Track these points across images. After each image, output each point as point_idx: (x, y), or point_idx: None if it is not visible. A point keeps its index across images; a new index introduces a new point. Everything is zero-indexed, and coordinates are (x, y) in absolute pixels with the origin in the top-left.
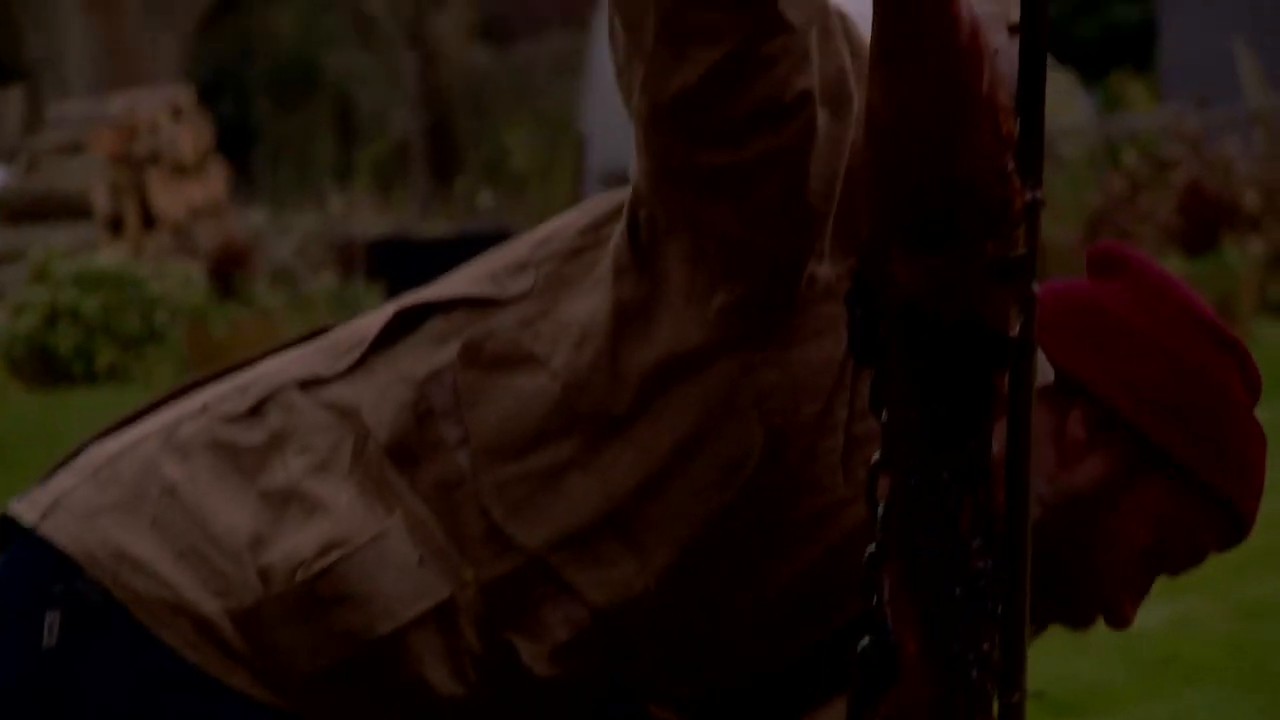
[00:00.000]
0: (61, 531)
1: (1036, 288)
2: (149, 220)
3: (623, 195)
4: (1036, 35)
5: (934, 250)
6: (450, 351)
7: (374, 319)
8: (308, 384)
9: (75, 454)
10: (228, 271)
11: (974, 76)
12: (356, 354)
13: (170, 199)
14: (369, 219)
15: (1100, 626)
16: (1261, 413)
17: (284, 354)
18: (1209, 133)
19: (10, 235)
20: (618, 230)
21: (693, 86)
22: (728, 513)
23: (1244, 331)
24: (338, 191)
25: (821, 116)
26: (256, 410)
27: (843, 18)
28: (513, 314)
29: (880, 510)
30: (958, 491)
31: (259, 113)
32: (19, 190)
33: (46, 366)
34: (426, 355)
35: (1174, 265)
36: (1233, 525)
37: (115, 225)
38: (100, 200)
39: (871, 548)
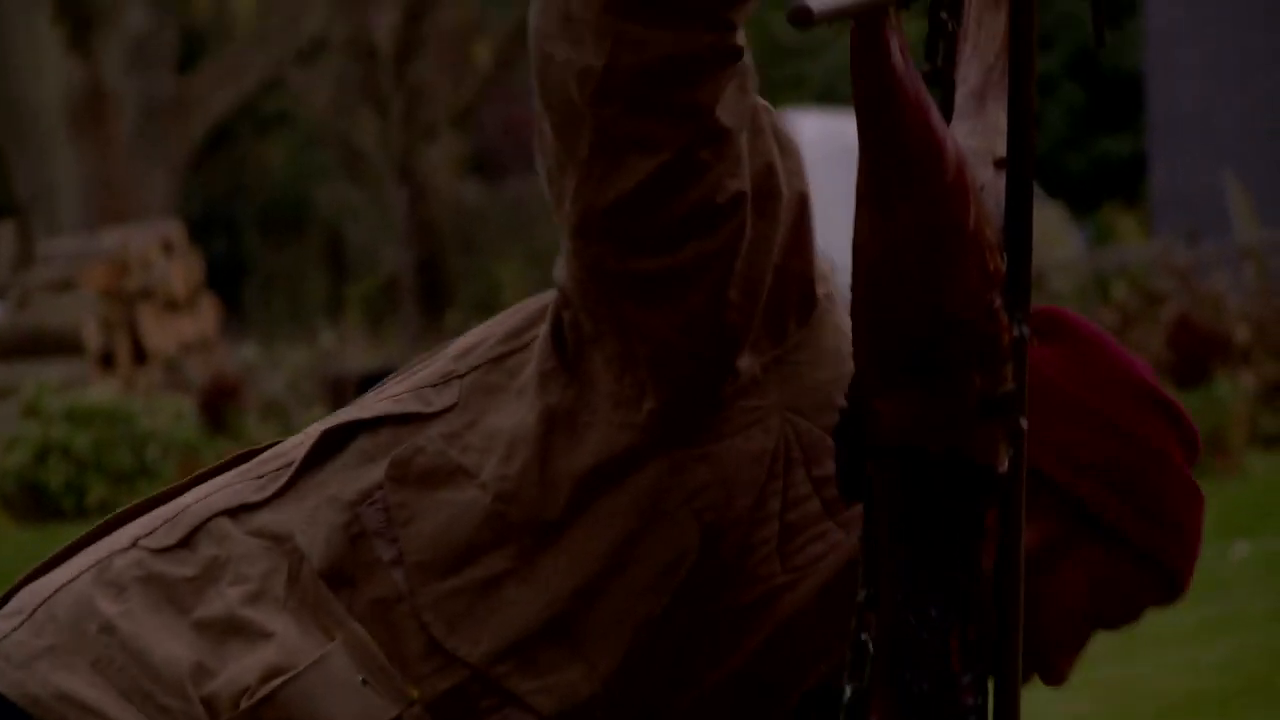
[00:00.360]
0: (2, 679)
1: (1025, 423)
2: (140, 355)
3: (546, 298)
4: (1023, 169)
5: (920, 386)
6: (379, 470)
7: (299, 441)
8: (237, 512)
9: (7, 596)
10: (219, 406)
11: (960, 214)
12: (284, 478)
13: (161, 334)
14: (360, 354)
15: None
16: (1256, 545)
17: (209, 482)
18: (1200, 266)
19: (1, 371)
20: (542, 333)
21: (629, 194)
22: (668, 610)
23: (1235, 465)
24: (329, 326)
25: (749, 215)
26: (186, 542)
27: (770, 113)
28: (439, 428)
29: (871, 648)
30: (947, 628)
31: (250, 247)
32: (10, 326)
33: (37, 502)
34: (355, 476)
35: None
36: (1169, 586)
37: (106, 361)
38: (91, 336)
39: (848, 692)
